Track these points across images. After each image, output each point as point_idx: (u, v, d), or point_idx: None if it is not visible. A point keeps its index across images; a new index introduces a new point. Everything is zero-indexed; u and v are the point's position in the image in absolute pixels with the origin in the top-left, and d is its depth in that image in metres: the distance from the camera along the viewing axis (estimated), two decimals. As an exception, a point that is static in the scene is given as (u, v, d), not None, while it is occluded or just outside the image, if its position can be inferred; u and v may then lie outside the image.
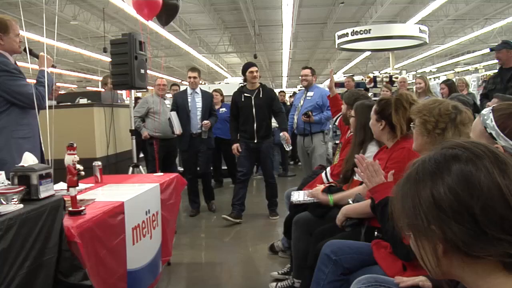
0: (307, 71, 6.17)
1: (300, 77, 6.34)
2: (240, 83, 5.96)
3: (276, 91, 6.84)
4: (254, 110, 5.75)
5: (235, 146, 5.87)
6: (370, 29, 13.55)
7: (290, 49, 22.02)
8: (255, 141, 5.80)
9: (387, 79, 10.30)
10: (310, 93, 6.09)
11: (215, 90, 8.19)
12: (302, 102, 6.13)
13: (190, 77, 6.20)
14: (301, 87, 6.52)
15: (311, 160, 6.04)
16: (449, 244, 0.90)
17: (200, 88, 6.34)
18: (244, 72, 5.88)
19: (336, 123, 5.16)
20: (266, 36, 21.28)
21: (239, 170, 5.96)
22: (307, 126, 5.98)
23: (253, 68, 5.81)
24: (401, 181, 1.00)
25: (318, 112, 5.97)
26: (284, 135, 5.67)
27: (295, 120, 6.13)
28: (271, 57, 28.44)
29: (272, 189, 6.11)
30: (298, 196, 3.51)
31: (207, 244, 5.09)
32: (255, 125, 5.77)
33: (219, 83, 12.47)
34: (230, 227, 5.64)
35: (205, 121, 6.10)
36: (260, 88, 5.85)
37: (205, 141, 6.21)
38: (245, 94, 5.82)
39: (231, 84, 10.45)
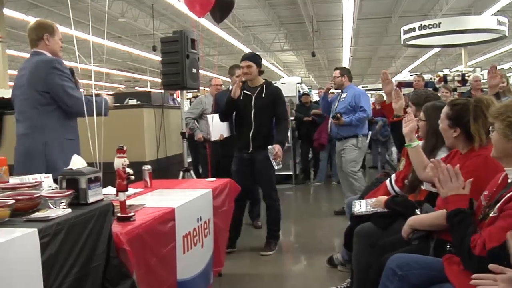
0: (336, 72, 6.28)
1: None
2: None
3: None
4: (253, 112, 4.93)
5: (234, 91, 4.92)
6: (440, 23, 13.29)
7: (351, 46, 21.86)
8: (249, 150, 4.96)
9: (459, 78, 10.00)
10: (343, 95, 6.17)
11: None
12: (336, 104, 6.21)
13: (237, 76, 5.51)
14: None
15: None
16: None
17: None
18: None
19: None
20: (325, 32, 21.18)
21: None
22: (338, 130, 5.98)
23: (243, 63, 4.96)
24: None
25: (351, 114, 5.95)
26: (274, 149, 4.74)
27: (329, 124, 6.17)
28: (330, 55, 28.33)
29: (273, 214, 5.15)
30: (360, 207, 3.47)
31: (260, 255, 5.07)
32: (252, 131, 4.92)
33: (275, 83, 12.42)
34: (284, 237, 5.60)
35: None
36: (264, 86, 5.01)
37: None
38: (245, 92, 4.99)
39: (287, 83, 10.39)
